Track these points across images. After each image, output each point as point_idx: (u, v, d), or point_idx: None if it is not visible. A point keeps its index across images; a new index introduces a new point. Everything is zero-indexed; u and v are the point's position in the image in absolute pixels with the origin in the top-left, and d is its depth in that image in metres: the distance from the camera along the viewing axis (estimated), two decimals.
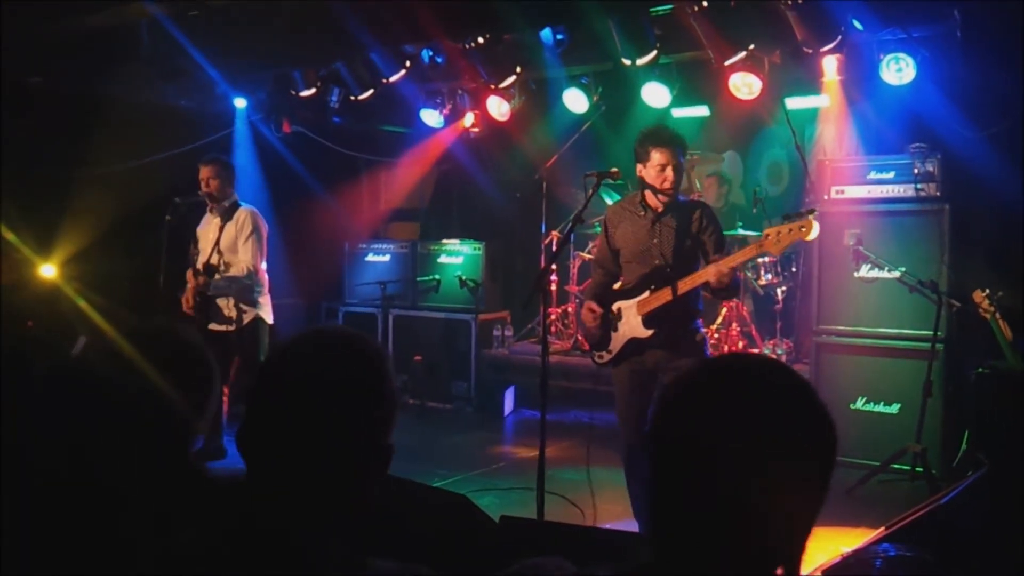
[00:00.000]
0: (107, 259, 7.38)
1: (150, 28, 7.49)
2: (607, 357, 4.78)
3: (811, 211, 4.47)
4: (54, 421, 1.36)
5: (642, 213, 4.71)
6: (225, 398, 6.53)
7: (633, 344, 4.65)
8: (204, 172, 6.31)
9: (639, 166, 4.66)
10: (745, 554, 1.23)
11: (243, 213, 6.32)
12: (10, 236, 6.89)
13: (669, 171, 4.56)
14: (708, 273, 4.41)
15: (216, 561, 1.46)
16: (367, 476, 1.54)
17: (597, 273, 5.01)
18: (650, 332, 4.58)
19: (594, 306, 4.74)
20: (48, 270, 7.35)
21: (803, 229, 4.34)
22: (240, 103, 8.86)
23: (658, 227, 4.66)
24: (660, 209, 4.66)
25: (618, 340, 4.71)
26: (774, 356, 7.43)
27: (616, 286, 4.86)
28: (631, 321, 4.65)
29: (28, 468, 1.30)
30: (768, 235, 4.44)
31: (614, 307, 4.73)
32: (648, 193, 4.66)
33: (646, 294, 4.60)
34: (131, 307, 6.90)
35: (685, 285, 4.50)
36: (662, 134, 4.62)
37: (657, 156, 4.56)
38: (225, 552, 1.47)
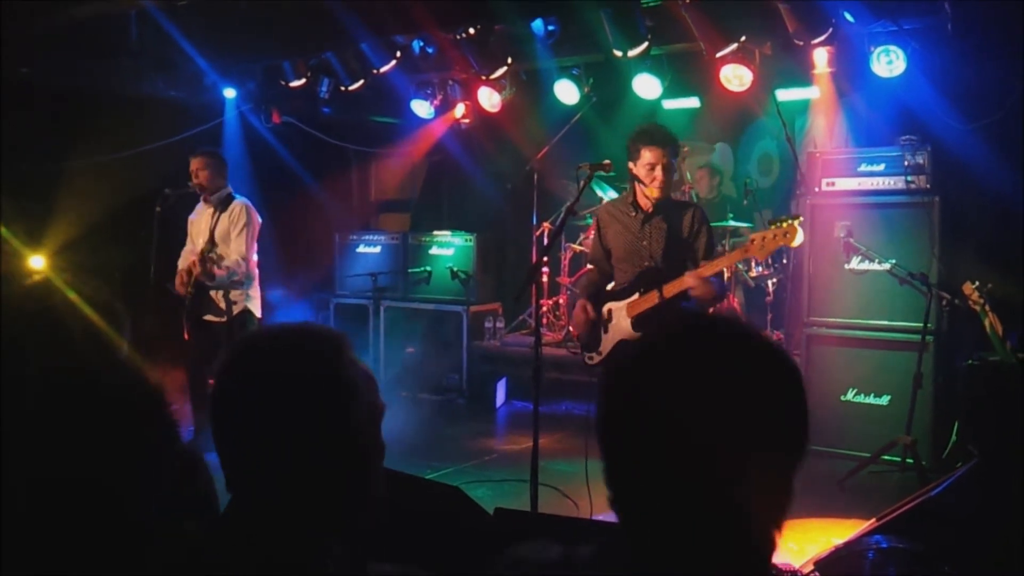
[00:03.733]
0: (97, 250, 7.34)
1: (139, 19, 7.45)
2: (597, 359, 4.78)
3: (796, 216, 4.48)
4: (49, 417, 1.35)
5: (633, 214, 4.70)
6: None
7: (623, 346, 4.64)
8: (194, 164, 6.30)
9: (630, 163, 4.65)
10: (719, 530, 1.16)
11: (238, 206, 6.31)
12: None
13: (659, 171, 4.55)
14: (687, 281, 4.41)
15: (211, 566, 1.46)
16: (347, 467, 1.52)
17: (591, 271, 5.00)
18: (639, 335, 4.57)
19: (589, 308, 4.72)
20: (37, 261, 7.30)
21: (787, 236, 4.37)
22: (229, 93, 8.82)
23: (648, 228, 4.65)
24: (650, 209, 4.66)
25: (608, 341, 4.71)
26: None
27: (609, 287, 4.86)
28: (621, 323, 4.66)
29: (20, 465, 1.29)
30: (753, 240, 4.47)
31: (605, 309, 4.73)
32: (639, 193, 4.65)
33: (635, 296, 4.60)
34: (121, 298, 6.85)
35: (672, 289, 4.50)
36: (653, 132, 4.61)
37: (647, 155, 4.55)
38: (220, 557, 1.47)
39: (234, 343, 1.59)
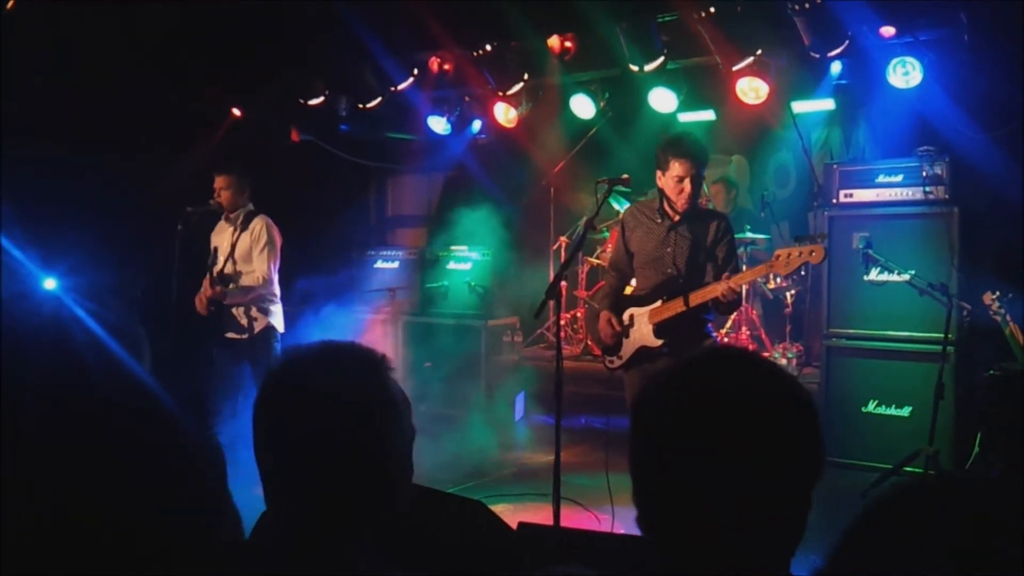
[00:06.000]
0: (116, 269, 7.38)
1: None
2: (618, 363, 4.79)
3: (822, 235, 4.55)
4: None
5: (659, 220, 4.70)
6: None
7: (643, 352, 4.66)
8: (218, 182, 6.29)
9: (658, 172, 4.64)
10: (734, 550, 1.21)
11: (259, 223, 6.32)
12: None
13: (687, 183, 4.55)
14: (717, 289, 4.43)
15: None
16: (383, 485, 1.56)
17: (611, 276, 5.01)
18: (660, 342, 4.59)
19: (613, 320, 4.73)
20: (50, 281, 7.30)
21: (813, 254, 4.41)
22: (237, 112, 8.86)
23: (673, 236, 4.66)
24: (677, 218, 4.66)
25: (629, 347, 4.72)
26: (784, 360, 7.47)
27: (628, 291, 4.87)
28: (642, 329, 4.66)
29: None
30: (779, 256, 4.49)
31: (626, 314, 4.73)
32: (666, 200, 4.66)
33: (658, 303, 4.61)
34: (143, 318, 6.89)
35: (697, 298, 4.51)
36: (684, 144, 4.59)
37: (677, 167, 4.54)
38: (253, 566, 1.50)
39: (279, 358, 1.62)
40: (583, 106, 8.15)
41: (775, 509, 1.22)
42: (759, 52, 6.72)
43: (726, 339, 7.73)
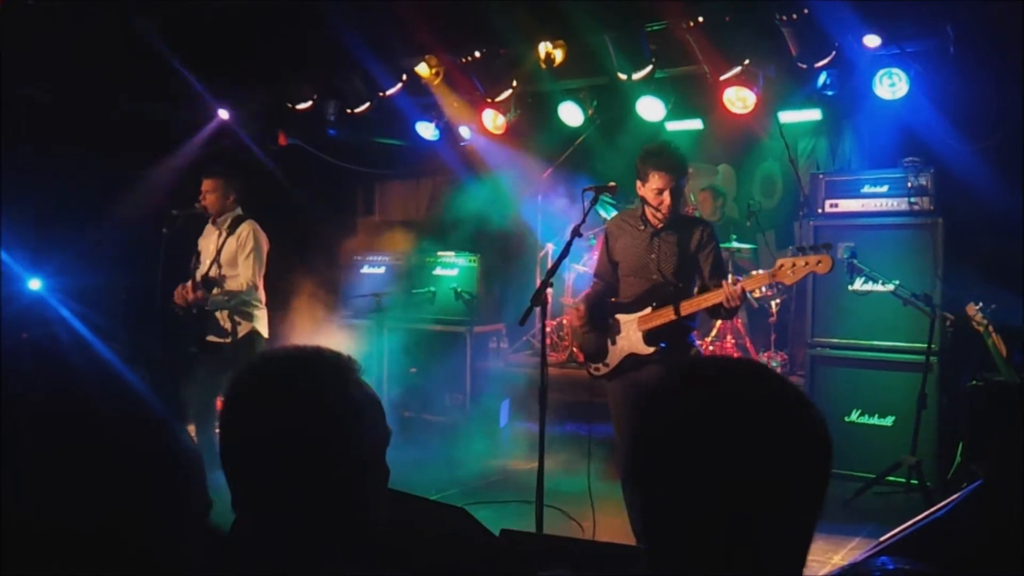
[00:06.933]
0: (101, 272, 7.35)
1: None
2: (604, 370, 4.77)
3: (827, 245, 4.53)
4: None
5: (641, 228, 4.72)
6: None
7: (632, 359, 4.65)
8: (204, 185, 6.27)
9: (638, 183, 4.67)
10: (737, 564, 1.19)
11: (246, 228, 6.29)
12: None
13: (666, 195, 4.58)
14: (719, 296, 4.42)
15: None
16: (354, 488, 1.55)
17: (596, 283, 5.03)
18: (651, 349, 4.58)
19: (581, 308, 4.75)
20: (36, 283, 7.27)
21: (820, 264, 4.39)
22: (224, 114, 8.83)
23: (656, 243, 4.67)
24: (660, 225, 4.68)
25: (616, 354, 4.71)
26: None
27: (614, 299, 4.88)
28: (631, 336, 4.66)
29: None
30: (782, 265, 4.47)
31: (613, 320, 4.73)
32: (648, 208, 4.68)
33: (647, 310, 4.61)
34: (127, 321, 6.86)
35: (689, 307, 4.51)
36: (663, 156, 4.60)
37: (656, 179, 4.56)
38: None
39: (243, 365, 1.61)
40: (571, 114, 8.15)
41: (778, 526, 1.20)
42: (747, 62, 6.74)
43: (711, 347, 7.74)
